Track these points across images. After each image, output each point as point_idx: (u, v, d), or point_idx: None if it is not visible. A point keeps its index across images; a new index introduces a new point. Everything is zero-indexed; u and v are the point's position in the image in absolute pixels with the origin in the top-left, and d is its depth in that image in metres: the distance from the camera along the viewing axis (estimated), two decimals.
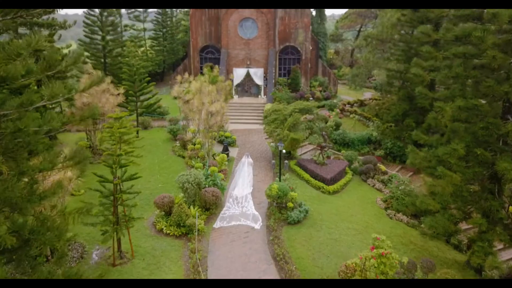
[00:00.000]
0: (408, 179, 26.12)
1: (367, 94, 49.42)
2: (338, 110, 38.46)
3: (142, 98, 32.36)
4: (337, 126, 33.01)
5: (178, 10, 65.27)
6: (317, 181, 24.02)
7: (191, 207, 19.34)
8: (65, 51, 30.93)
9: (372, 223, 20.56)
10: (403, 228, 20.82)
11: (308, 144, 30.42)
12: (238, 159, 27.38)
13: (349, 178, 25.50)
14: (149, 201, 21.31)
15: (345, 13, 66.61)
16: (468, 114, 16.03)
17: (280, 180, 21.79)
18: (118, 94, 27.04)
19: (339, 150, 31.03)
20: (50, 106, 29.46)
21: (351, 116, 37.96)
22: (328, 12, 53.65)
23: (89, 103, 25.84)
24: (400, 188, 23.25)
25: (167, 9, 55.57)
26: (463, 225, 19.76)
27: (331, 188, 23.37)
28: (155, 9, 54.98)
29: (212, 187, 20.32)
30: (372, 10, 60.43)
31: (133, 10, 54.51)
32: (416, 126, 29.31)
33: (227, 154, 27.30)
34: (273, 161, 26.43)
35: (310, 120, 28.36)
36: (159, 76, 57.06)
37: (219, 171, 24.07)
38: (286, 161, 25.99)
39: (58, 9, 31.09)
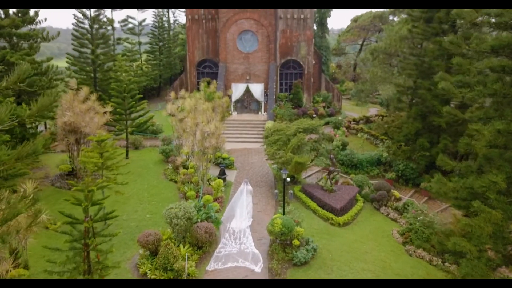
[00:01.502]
0: (426, 206, 23.44)
1: (373, 110, 47.06)
2: (344, 128, 35.93)
3: (132, 116, 29.86)
4: (344, 145, 30.47)
5: (176, 23, 63.49)
6: (325, 211, 21.27)
7: (181, 245, 16.62)
8: (46, 64, 28.72)
9: (390, 262, 17.81)
10: (426, 267, 18.08)
11: (313, 166, 27.74)
12: (236, 183, 24.71)
13: (360, 206, 22.76)
14: (134, 235, 18.56)
15: (347, 26, 65.15)
16: (507, 139, 13.54)
17: (283, 213, 19.03)
18: (105, 112, 24.44)
19: (347, 172, 28.42)
20: (30, 126, 27.03)
21: (358, 134, 35.41)
22: (328, 25, 51.89)
23: (71, 122, 23.33)
24: (418, 218, 20.61)
25: (164, 22, 53.65)
26: None
27: (341, 219, 20.62)
28: (151, 22, 53.04)
29: (205, 222, 17.60)
30: (376, 23, 58.81)
31: (127, 22, 52.62)
32: (431, 147, 26.84)
33: (224, 179, 24.61)
34: (276, 190, 23.53)
35: (316, 140, 25.73)
36: (155, 91, 54.88)
37: (214, 200, 21.39)
38: (290, 192, 23.13)
39: (47, 22, 29.00)
